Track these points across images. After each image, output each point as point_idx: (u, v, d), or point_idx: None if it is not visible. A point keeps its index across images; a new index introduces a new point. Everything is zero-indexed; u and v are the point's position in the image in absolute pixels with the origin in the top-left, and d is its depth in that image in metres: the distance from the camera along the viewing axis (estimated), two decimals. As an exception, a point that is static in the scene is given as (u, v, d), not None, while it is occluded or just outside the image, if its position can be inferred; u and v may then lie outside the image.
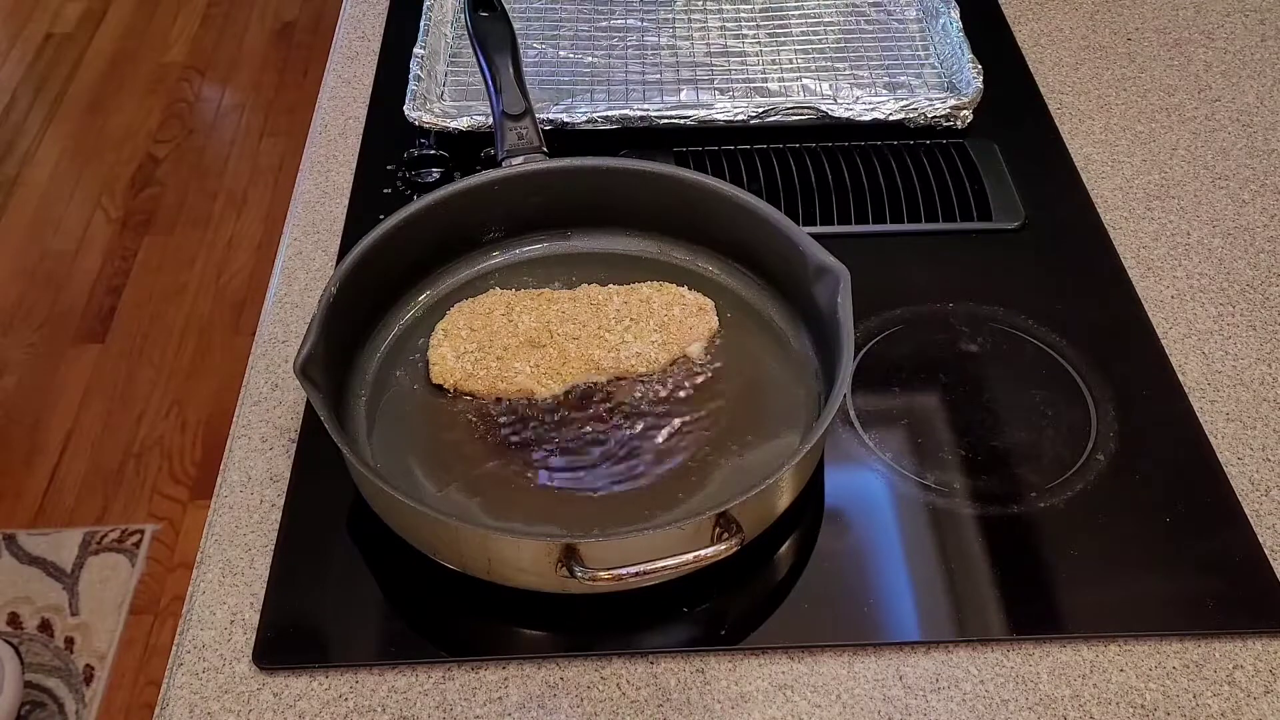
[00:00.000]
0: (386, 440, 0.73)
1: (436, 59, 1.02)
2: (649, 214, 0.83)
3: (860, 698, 0.63)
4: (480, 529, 0.64)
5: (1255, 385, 0.79)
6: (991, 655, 0.65)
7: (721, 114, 0.95)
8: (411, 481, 0.70)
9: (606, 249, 0.85)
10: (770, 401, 0.75)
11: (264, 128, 2.50)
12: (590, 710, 0.63)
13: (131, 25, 2.77)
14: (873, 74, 1.03)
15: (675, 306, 0.77)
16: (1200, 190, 0.94)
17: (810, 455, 0.65)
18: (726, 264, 0.83)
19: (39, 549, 1.71)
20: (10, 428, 1.90)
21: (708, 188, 0.80)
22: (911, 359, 0.80)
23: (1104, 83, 1.05)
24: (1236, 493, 0.72)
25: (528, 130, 0.82)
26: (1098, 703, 0.63)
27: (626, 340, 0.74)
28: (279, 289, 0.86)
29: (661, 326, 0.76)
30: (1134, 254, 0.89)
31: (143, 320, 2.08)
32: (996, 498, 0.72)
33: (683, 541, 0.60)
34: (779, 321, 0.80)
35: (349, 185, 0.94)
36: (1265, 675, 0.64)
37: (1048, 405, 0.77)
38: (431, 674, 0.64)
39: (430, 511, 0.62)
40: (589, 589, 0.62)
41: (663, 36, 1.07)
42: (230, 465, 0.75)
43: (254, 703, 0.63)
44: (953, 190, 0.92)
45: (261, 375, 0.80)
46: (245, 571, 0.69)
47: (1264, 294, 0.86)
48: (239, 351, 2.00)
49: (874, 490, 0.73)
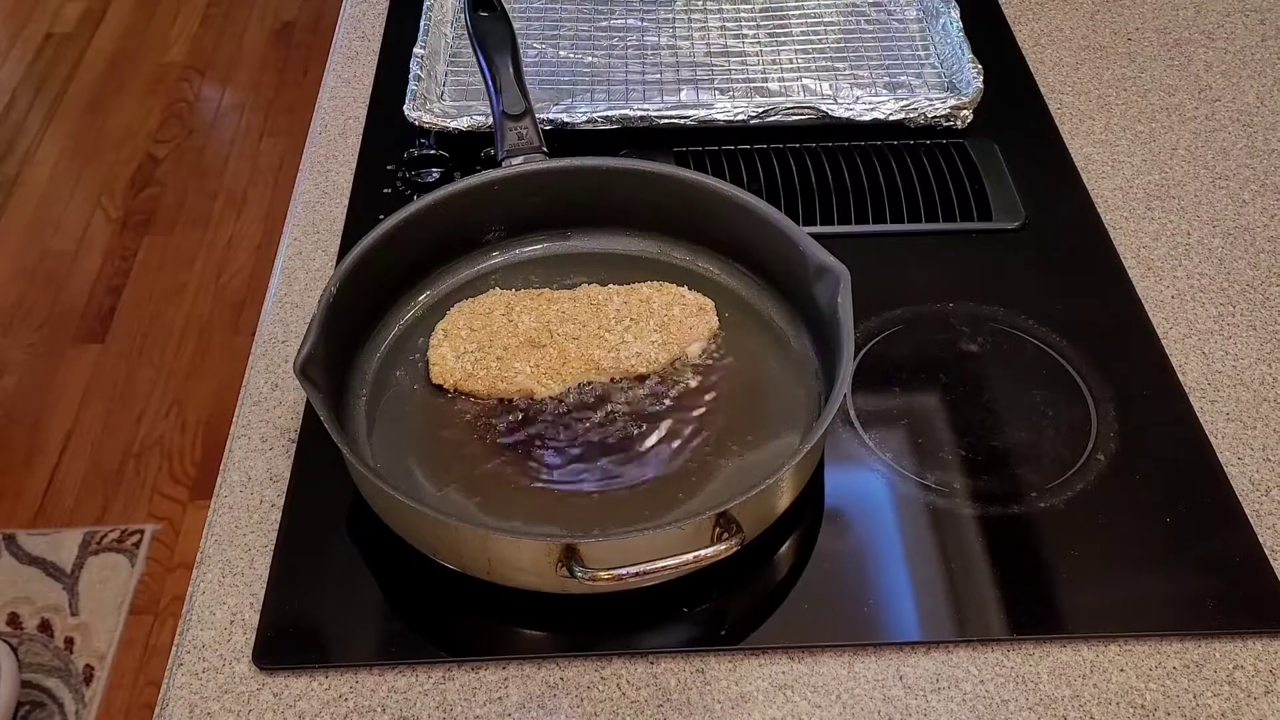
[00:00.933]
0: (386, 440, 0.73)
1: (436, 59, 1.02)
2: (649, 214, 0.83)
3: (860, 698, 0.63)
4: (479, 529, 0.64)
5: (1255, 385, 0.79)
6: (992, 655, 0.65)
7: (721, 114, 0.95)
8: (411, 481, 0.70)
9: (606, 249, 0.85)
10: (770, 401, 0.75)
11: (264, 128, 2.49)
12: (590, 710, 0.63)
13: (131, 25, 2.77)
14: (873, 74, 1.03)
15: (675, 306, 0.77)
16: (1200, 190, 0.94)
17: (810, 455, 0.65)
18: (726, 264, 0.83)
19: (39, 549, 1.71)
20: (10, 428, 1.90)
21: (708, 188, 0.80)
22: (911, 359, 0.80)
23: (1104, 83, 1.05)
24: (1237, 493, 0.72)
25: (528, 130, 0.82)
26: (1098, 703, 0.63)
27: (626, 340, 0.74)
28: (279, 289, 0.86)
29: (661, 326, 0.76)
30: (1134, 254, 0.89)
31: (143, 320, 2.08)
32: (997, 498, 0.72)
33: (683, 541, 0.60)
34: (779, 321, 0.80)
35: (349, 185, 0.94)
36: (1265, 675, 0.64)
37: (1048, 405, 0.77)
38: (431, 674, 0.64)
39: (430, 511, 0.62)
40: (589, 589, 0.62)
41: (663, 36, 1.07)
42: (230, 465, 0.75)
43: (254, 703, 0.63)
44: (953, 190, 0.92)
45: (261, 375, 0.80)
46: (245, 571, 0.69)
47: (1264, 294, 0.86)
48: (239, 351, 2.00)
49: (874, 490, 0.73)
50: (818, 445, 0.66)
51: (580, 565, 0.59)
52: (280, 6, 2.82)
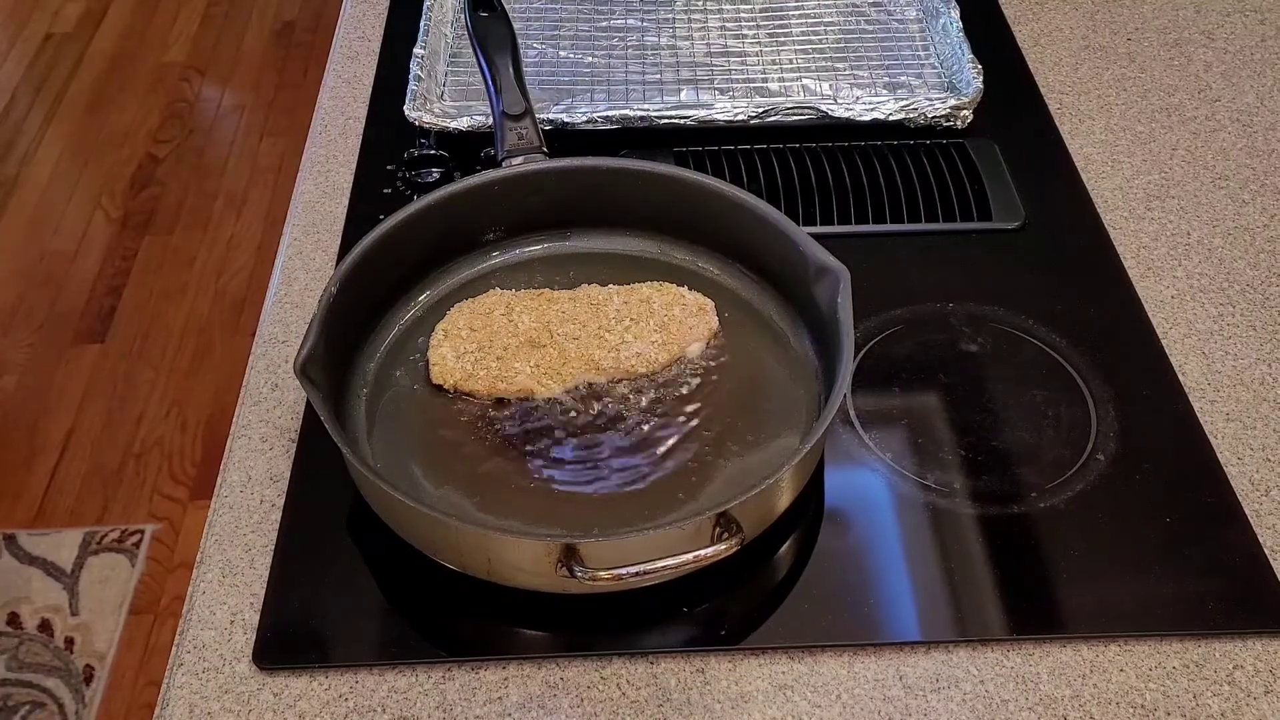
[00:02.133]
0: (386, 440, 0.73)
1: (436, 59, 1.02)
2: (649, 214, 0.83)
3: (860, 698, 0.63)
4: (479, 529, 0.64)
5: (1255, 385, 0.79)
6: (991, 655, 0.65)
7: (721, 114, 0.95)
8: (411, 481, 0.70)
9: (606, 249, 0.85)
10: (770, 402, 0.75)
11: (264, 128, 2.49)
12: (590, 710, 0.63)
13: (131, 25, 2.77)
14: (873, 74, 1.03)
15: (675, 307, 0.77)
16: (1200, 190, 0.94)
17: (810, 455, 0.65)
18: (727, 264, 0.83)
19: (39, 549, 1.71)
20: (10, 428, 1.90)
21: (708, 188, 0.80)
22: (911, 359, 0.80)
23: (1104, 83, 1.05)
24: (1236, 493, 0.72)
25: (528, 130, 0.82)
26: (1098, 703, 0.63)
27: (627, 340, 0.74)
28: (279, 289, 0.86)
29: (661, 327, 0.76)
30: (1134, 254, 0.89)
31: (143, 320, 2.08)
32: (996, 498, 0.72)
33: (683, 541, 0.60)
34: (779, 321, 0.80)
35: (349, 185, 0.94)
36: (1265, 675, 0.64)
37: (1048, 405, 0.77)
38: (431, 674, 0.64)
39: (429, 511, 0.62)
40: (589, 589, 0.62)
41: (663, 36, 1.07)
42: (230, 465, 0.75)
43: (254, 703, 0.63)
44: (953, 190, 0.92)
45: (261, 375, 0.80)
46: (245, 571, 0.69)
47: (1264, 294, 0.86)
48: (239, 351, 2.00)
49: (874, 490, 0.73)
50: (817, 445, 0.66)
51: (580, 565, 0.59)
52: (280, 6, 2.82)
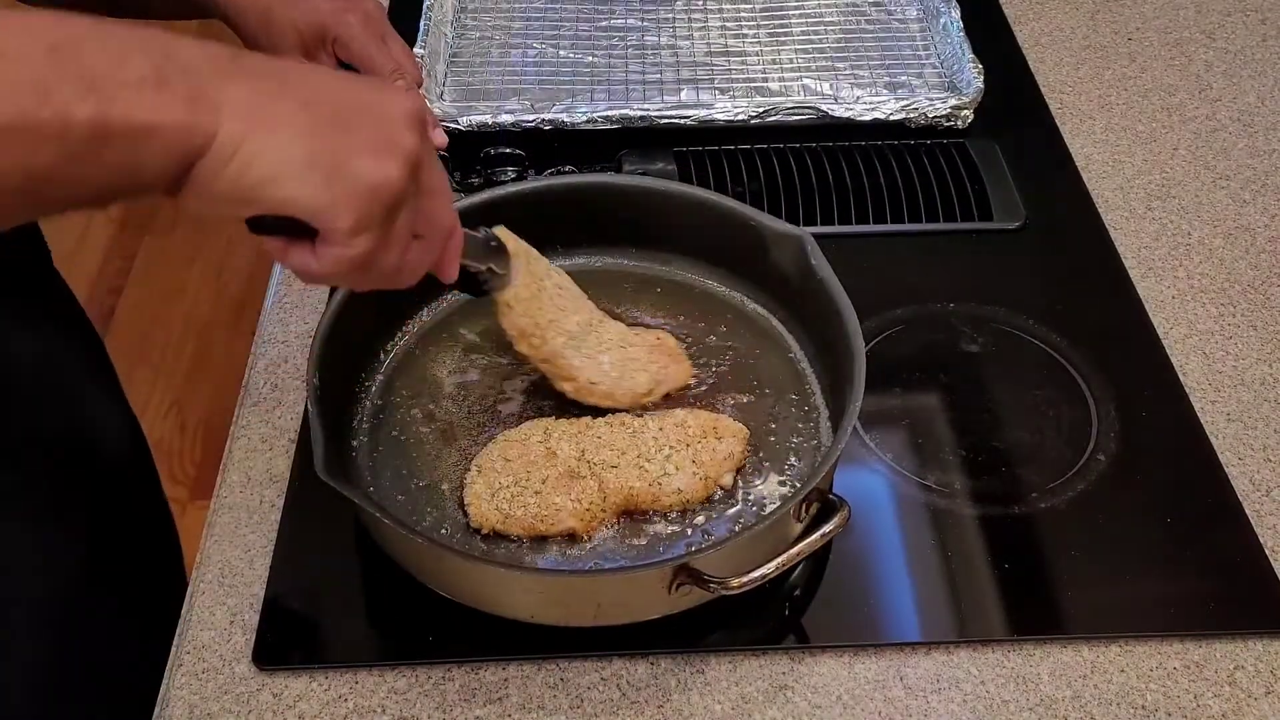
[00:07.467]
0: (391, 469, 0.71)
1: (436, 59, 1.02)
2: (614, 229, 0.81)
3: (860, 698, 0.63)
4: (595, 576, 0.64)
5: (1256, 385, 0.79)
6: (992, 656, 0.65)
7: (722, 114, 0.95)
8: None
9: (585, 266, 0.82)
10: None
11: (264, 128, 2.49)
12: (590, 710, 0.63)
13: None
14: (873, 74, 1.03)
15: (709, 436, 0.72)
16: (1201, 190, 0.94)
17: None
18: (700, 267, 0.81)
19: (39, 549, 1.71)
20: (10, 428, 1.89)
21: (655, 190, 0.79)
22: (912, 359, 0.80)
23: (1104, 83, 1.05)
24: (1237, 493, 0.72)
25: None
26: (1098, 703, 0.63)
27: (668, 471, 0.71)
28: (279, 289, 0.86)
29: (695, 458, 0.71)
30: (1134, 254, 0.89)
31: (143, 320, 2.08)
32: (997, 498, 0.72)
33: (787, 530, 0.61)
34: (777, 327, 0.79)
35: (349, 185, 0.93)
36: (1266, 676, 0.64)
37: (1048, 405, 0.77)
38: (431, 674, 0.64)
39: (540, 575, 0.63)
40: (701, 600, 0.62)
41: (663, 36, 1.07)
42: (230, 465, 0.75)
43: (254, 703, 0.63)
44: (953, 190, 0.92)
45: (261, 375, 0.80)
46: (245, 571, 0.69)
47: (1265, 294, 0.86)
48: (239, 351, 2.00)
49: (875, 491, 0.73)
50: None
51: (705, 579, 0.59)
52: (280, 6, 2.82)
